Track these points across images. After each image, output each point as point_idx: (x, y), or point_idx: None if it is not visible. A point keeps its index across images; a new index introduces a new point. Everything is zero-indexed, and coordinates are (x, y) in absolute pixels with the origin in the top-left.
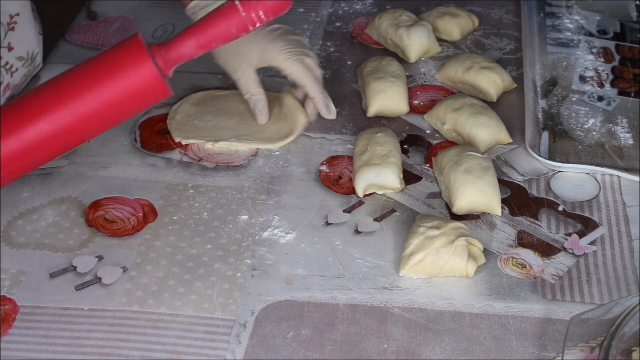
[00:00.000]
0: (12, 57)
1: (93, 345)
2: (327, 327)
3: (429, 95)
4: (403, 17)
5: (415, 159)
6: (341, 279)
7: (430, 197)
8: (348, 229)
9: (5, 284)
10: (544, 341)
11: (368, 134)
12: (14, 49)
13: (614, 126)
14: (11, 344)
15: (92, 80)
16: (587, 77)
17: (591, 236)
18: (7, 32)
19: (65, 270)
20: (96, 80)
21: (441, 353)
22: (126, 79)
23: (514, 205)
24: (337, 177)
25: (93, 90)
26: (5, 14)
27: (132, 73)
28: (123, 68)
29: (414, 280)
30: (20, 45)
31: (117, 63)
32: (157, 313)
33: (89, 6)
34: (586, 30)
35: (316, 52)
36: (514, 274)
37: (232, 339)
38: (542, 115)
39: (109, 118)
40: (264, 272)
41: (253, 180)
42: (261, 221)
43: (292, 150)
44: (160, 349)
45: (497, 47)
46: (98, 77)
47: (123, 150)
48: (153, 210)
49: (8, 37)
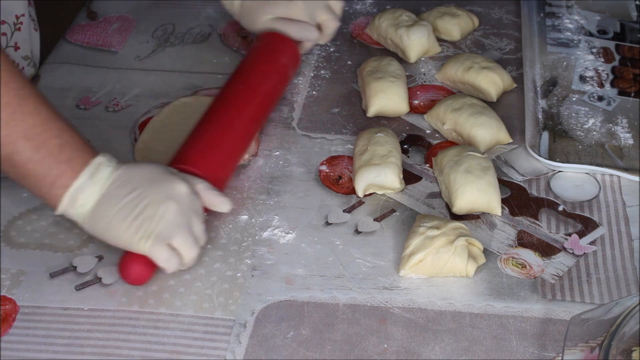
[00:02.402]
0: (19, 57)
1: (93, 345)
2: (327, 327)
3: (429, 95)
4: (403, 17)
5: (415, 159)
6: (341, 279)
7: (430, 197)
8: (348, 229)
9: (5, 284)
10: (544, 341)
11: (368, 134)
12: (20, 48)
13: (614, 126)
14: (11, 344)
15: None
16: (587, 77)
17: (591, 236)
18: (14, 32)
19: (65, 270)
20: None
21: (441, 353)
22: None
23: (514, 205)
24: (337, 177)
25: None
26: (12, 14)
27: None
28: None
29: (414, 280)
30: (25, 45)
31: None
32: (157, 313)
33: (89, 6)
34: (586, 30)
35: (316, 52)
36: (514, 274)
37: (232, 339)
38: (542, 115)
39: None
40: (264, 272)
41: (253, 180)
42: (261, 221)
43: (292, 150)
44: (160, 349)
45: (497, 47)
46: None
47: (123, 150)
48: None
49: (15, 37)
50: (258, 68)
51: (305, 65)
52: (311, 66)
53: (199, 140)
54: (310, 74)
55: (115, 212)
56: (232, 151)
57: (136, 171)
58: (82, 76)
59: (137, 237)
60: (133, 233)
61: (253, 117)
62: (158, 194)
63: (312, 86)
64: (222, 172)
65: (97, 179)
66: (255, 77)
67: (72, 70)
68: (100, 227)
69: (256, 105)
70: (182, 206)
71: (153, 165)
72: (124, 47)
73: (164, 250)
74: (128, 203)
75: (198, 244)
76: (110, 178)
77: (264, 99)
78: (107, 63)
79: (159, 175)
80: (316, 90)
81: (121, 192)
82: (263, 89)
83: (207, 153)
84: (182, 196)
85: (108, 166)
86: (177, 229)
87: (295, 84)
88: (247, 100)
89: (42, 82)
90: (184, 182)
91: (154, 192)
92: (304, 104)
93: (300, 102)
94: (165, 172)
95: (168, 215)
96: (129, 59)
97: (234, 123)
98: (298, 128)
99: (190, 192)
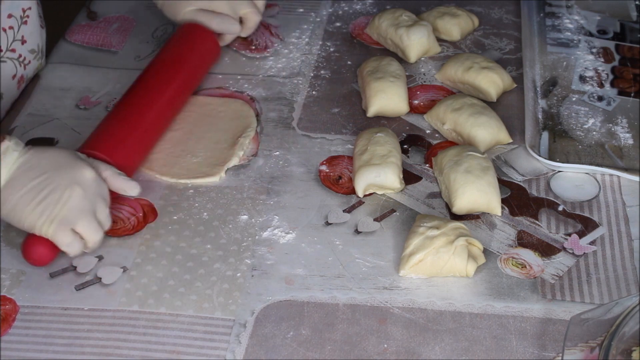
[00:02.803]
0: (25, 50)
1: (93, 345)
2: (327, 327)
3: (429, 95)
4: (403, 17)
5: (415, 159)
6: (341, 279)
7: (430, 197)
8: (348, 229)
9: (5, 284)
10: (544, 341)
11: (368, 134)
12: (27, 42)
13: (614, 126)
14: (11, 344)
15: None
16: (587, 77)
17: (591, 236)
18: (21, 25)
19: (65, 270)
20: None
21: (441, 353)
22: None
23: (514, 205)
24: (337, 177)
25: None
26: (19, 8)
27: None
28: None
29: (414, 280)
30: (32, 38)
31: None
32: (157, 313)
33: (89, 6)
34: (586, 30)
35: (316, 52)
36: (514, 274)
37: (232, 339)
38: (542, 115)
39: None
40: (264, 272)
41: (253, 180)
42: (261, 221)
43: (292, 150)
44: (160, 349)
45: (497, 47)
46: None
47: None
48: (153, 210)
49: (21, 30)
50: (174, 58)
51: (305, 65)
52: (311, 66)
53: (109, 126)
54: (310, 74)
55: (20, 195)
56: (141, 139)
57: (43, 156)
58: (82, 76)
59: (41, 221)
60: (37, 217)
61: (165, 107)
62: (64, 179)
63: (312, 86)
64: (131, 160)
65: (4, 163)
66: (170, 68)
67: (72, 70)
68: (6, 210)
69: (169, 95)
70: (87, 191)
71: (61, 150)
72: (124, 47)
73: (67, 235)
74: (33, 187)
75: (102, 228)
76: (17, 162)
77: (178, 89)
78: (107, 63)
79: (65, 160)
80: (316, 90)
81: (27, 176)
82: (178, 80)
83: (116, 140)
84: (87, 181)
85: (15, 150)
86: (81, 214)
87: (295, 84)
88: (161, 90)
89: (42, 82)
90: (90, 167)
91: (60, 177)
92: (304, 104)
93: (300, 102)
94: (73, 157)
95: (72, 200)
96: (129, 59)
97: (145, 112)
98: (298, 128)
99: (96, 177)
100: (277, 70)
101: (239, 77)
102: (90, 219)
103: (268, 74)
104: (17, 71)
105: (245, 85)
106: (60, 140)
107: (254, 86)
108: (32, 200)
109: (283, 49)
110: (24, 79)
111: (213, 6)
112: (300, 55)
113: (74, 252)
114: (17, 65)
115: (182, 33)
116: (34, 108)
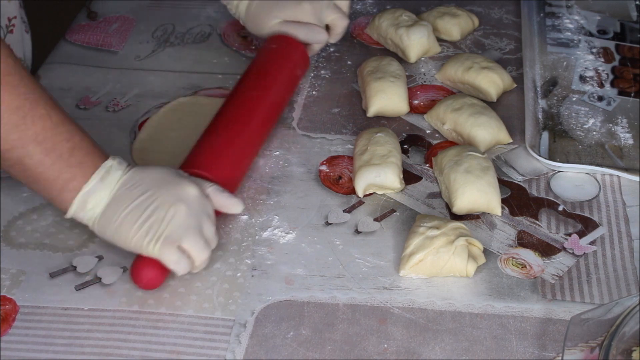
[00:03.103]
0: None
1: (93, 345)
2: (327, 327)
3: (429, 95)
4: (403, 17)
5: (415, 159)
6: (341, 279)
7: (430, 197)
8: (348, 229)
9: (5, 284)
10: (544, 341)
11: (368, 134)
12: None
13: (614, 126)
14: (11, 344)
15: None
16: (587, 77)
17: (591, 236)
18: (6, 34)
19: (65, 270)
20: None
21: (441, 353)
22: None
23: (514, 205)
24: (337, 177)
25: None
26: (4, 17)
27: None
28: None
29: (414, 280)
30: (18, 47)
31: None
32: (157, 313)
33: (89, 6)
34: (586, 30)
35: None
36: (514, 274)
37: (232, 339)
38: (542, 115)
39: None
40: (264, 272)
41: (253, 180)
42: (261, 221)
43: (292, 150)
44: (160, 349)
45: (497, 47)
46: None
47: (123, 150)
48: None
49: (7, 39)
50: (268, 72)
51: None
52: (311, 66)
53: (210, 143)
54: (310, 74)
55: (124, 215)
56: (242, 155)
57: (146, 174)
58: (82, 76)
59: (147, 240)
60: (142, 236)
61: (263, 121)
62: (168, 197)
63: (312, 86)
64: (233, 176)
65: (107, 182)
66: (265, 81)
67: (72, 70)
68: (110, 231)
69: (266, 109)
70: (192, 208)
71: (163, 168)
72: (124, 47)
73: (174, 252)
74: (137, 206)
75: (209, 246)
76: (120, 181)
77: (274, 102)
78: (107, 63)
79: (168, 178)
80: (316, 90)
81: (131, 195)
82: (273, 93)
83: (218, 157)
84: (192, 198)
85: (118, 169)
86: (187, 231)
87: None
88: (257, 105)
89: (42, 82)
90: (193, 184)
91: (164, 195)
92: (304, 104)
93: (300, 102)
94: (175, 174)
95: (178, 217)
96: (129, 59)
97: (244, 127)
98: (298, 128)
99: (200, 194)
100: None
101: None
102: (196, 236)
103: None
104: None
105: None
106: None
107: None
108: (137, 219)
109: None
110: None
111: (299, 17)
112: None
113: (182, 271)
114: None
115: (272, 44)
116: None
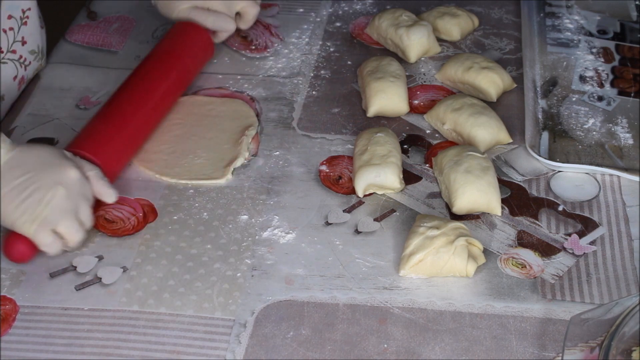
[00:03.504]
0: (26, 51)
1: (93, 345)
2: (327, 327)
3: (429, 95)
4: (403, 17)
5: (415, 159)
6: (341, 279)
7: (430, 197)
8: (348, 229)
9: (5, 284)
10: (544, 341)
11: (368, 134)
12: (27, 42)
13: (614, 126)
14: (11, 344)
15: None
16: (587, 77)
17: (591, 236)
18: (21, 26)
19: (65, 270)
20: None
21: (441, 353)
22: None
23: (514, 205)
24: (337, 177)
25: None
26: (18, 9)
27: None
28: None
29: (414, 280)
30: (32, 39)
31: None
32: (157, 313)
33: (89, 6)
34: (586, 30)
35: (316, 52)
36: (514, 274)
37: (232, 339)
38: (542, 115)
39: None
40: (264, 272)
41: (253, 180)
42: (261, 221)
43: (292, 150)
44: (160, 349)
45: (497, 47)
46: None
47: None
48: (153, 210)
49: (22, 31)
50: (166, 57)
51: (305, 65)
52: (311, 66)
53: (98, 126)
54: (310, 74)
55: (4, 193)
56: (129, 142)
57: (29, 154)
58: (82, 76)
59: (22, 220)
60: (19, 216)
61: (155, 107)
62: (48, 179)
63: (312, 86)
64: (116, 162)
65: None
66: (161, 67)
67: (72, 70)
68: None
69: (159, 95)
70: (70, 191)
71: (47, 149)
72: (124, 47)
73: (47, 235)
74: (17, 186)
75: (83, 228)
76: (3, 160)
77: (169, 89)
78: (107, 63)
79: (51, 159)
80: (316, 90)
81: (12, 175)
82: (168, 80)
83: (105, 141)
84: (71, 181)
85: (3, 149)
86: (63, 215)
87: (295, 84)
88: (151, 90)
89: (42, 82)
90: (75, 167)
91: (44, 177)
92: (304, 104)
93: (300, 102)
94: (58, 155)
95: (55, 200)
96: (129, 59)
97: (134, 111)
98: (298, 128)
99: (81, 176)
100: (277, 70)
101: (239, 77)
102: (71, 219)
103: (268, 74)
104: (17, 72)
105: (245, 85)
106: (60, 141)
107: (254, 86)
108: (15, 199)
109: (283, 49)
110: (24, 80)
111: (208, 4)
112: (300, 55)
113: (53, 252)
114: (18, 67)
115: (175, 31)
116: (34, 108)
